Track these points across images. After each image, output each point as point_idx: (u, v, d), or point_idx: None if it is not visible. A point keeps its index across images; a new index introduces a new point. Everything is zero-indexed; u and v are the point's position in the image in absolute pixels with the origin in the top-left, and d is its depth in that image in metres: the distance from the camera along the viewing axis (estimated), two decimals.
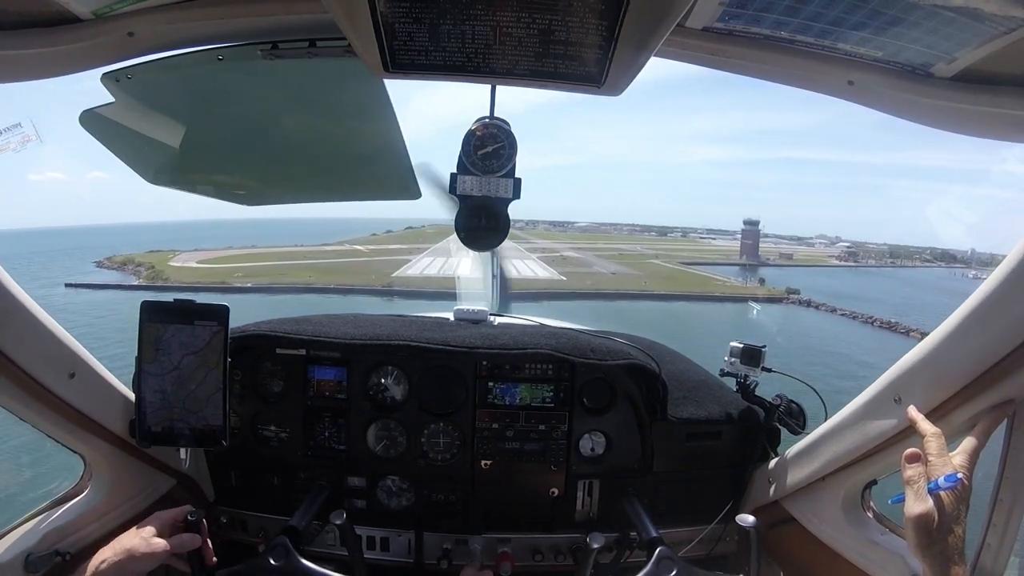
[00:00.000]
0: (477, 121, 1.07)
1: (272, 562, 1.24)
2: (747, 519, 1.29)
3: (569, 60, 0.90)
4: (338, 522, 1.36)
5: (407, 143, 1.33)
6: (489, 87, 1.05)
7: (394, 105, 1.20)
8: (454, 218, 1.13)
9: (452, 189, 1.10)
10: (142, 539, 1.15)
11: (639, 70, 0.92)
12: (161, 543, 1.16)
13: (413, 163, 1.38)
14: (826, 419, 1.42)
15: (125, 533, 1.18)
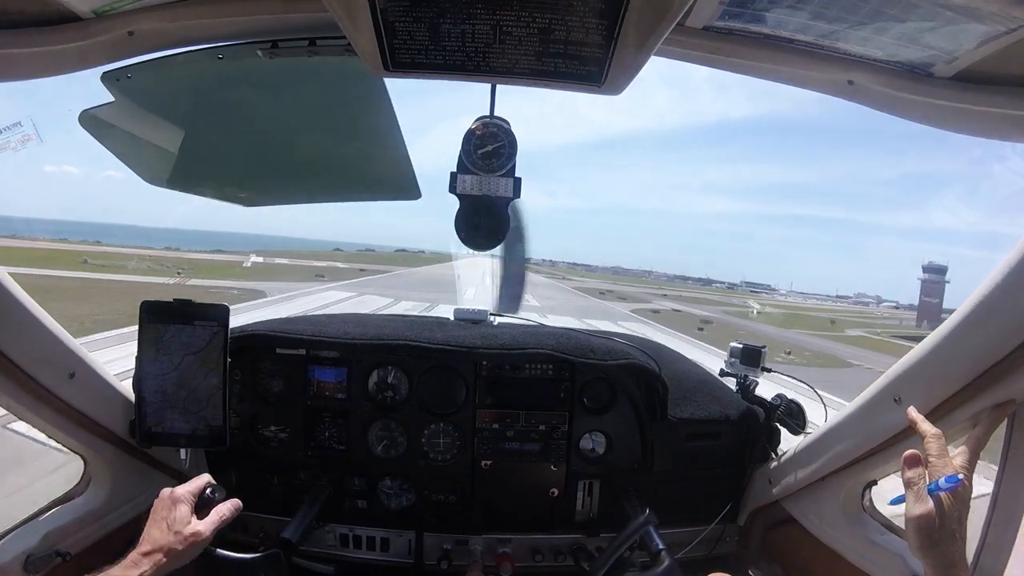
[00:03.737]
0: (477, 120, 1.07)
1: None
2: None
3: (569, 59, 0.90)
4: None
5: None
6: (489, 86, 1.05)
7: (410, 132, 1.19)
8: (454, 218, 1.13)
9: (452, 188, 1.10)
10: (181, 535, 1.05)
11: (639, 70, 0.92)
12: (203, 532, 1.08)
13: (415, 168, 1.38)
14: (826, 419, 1.42)
15: (155, 529, 1.06)
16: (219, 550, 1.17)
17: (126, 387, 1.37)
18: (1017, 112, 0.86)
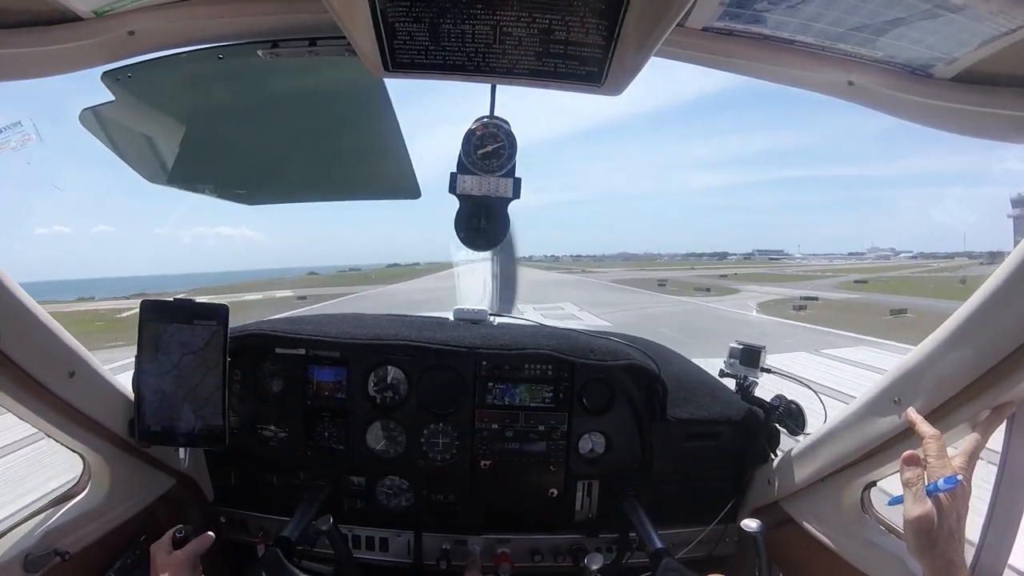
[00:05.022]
0: (477, 120, 1.07)
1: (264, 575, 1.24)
2: (752, 524, 1.27)
3: (569, 60, 0.90)
4: (324, 528, 1.35)
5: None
6: (489, 87, 1.05)
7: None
8: (454, 219, 1.13)
9: (452, 189, 1.10)
10: (167, 566, 1.17)
11: (639, 70, 0.92)
12: (180, 557, 1.19)
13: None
14: (825, 420, 1.42)
15: None
16: None
17: (126, 386, 1.37)
18: (1017, 113, 0.86)
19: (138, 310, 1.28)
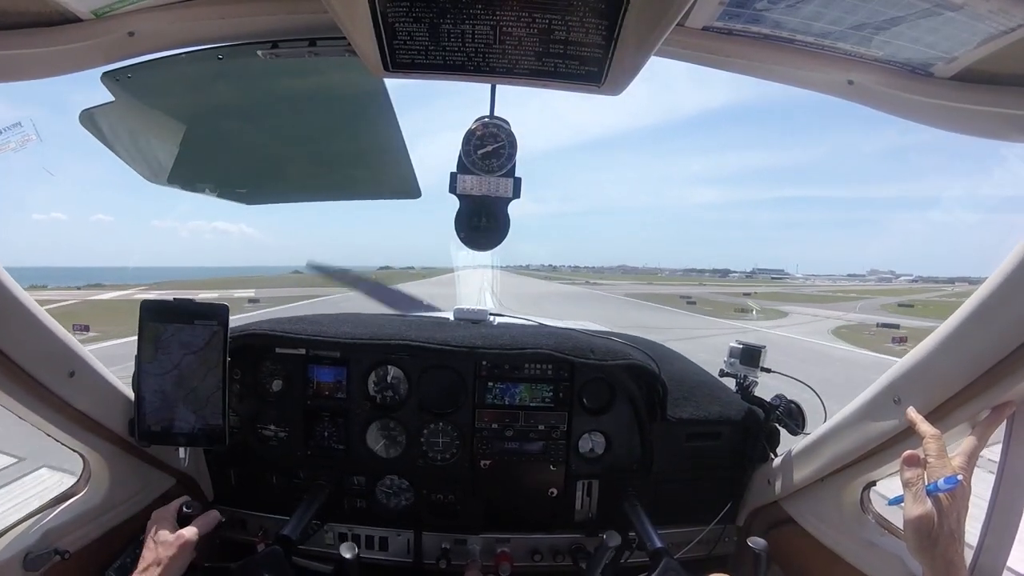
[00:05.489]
0: (477, 120, 1.07)
1: (264, 574, 1.23)
2: (759, 542, 1.25)
3: (569, 59, 0.90)
4: (348, 555, 1.31)
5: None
6: (488, 88, 1.05)
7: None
8: (454, 219, 1.13)
9: (452, 189, 1.10)
10: (169, 544, 1.13)
11: (639, 70, 0.92)
12: (187, 536, 1.16)
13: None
14: (825, 420, 1.42)
15: (145, 551, 1.13)
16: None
17: (126, 386, 1.37)
18: (1017, 112, 0.86)
19: (74, 306, 1.27)
